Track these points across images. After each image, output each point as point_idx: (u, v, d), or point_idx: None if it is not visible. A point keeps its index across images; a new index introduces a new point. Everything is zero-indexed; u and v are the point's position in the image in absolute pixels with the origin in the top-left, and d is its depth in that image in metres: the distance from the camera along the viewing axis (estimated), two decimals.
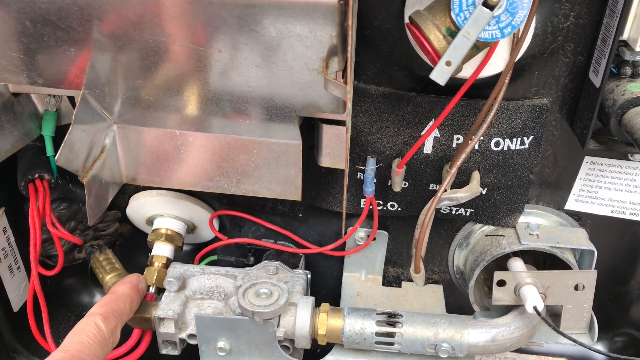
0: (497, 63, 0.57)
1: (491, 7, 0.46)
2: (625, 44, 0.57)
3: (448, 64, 0.47)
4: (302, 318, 0.64)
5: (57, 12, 0.49)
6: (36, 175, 0.70)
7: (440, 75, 0.47)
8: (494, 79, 0.57)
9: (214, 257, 0.81)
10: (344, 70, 0.51)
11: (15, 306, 0.76)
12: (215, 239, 0.80)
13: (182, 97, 0.57)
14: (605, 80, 0.56)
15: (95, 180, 0.61)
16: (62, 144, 0.55)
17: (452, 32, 0.49)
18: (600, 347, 0.84)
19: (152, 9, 0.47)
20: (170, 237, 0.77)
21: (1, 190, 0.73)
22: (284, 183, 0.65)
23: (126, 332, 0.72)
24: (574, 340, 0.60)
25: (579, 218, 0.73)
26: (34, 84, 0.57)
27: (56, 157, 0.55)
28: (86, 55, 0.53)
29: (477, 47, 0.50)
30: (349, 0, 0.44)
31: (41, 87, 0.58)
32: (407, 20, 0.55)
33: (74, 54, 0.53)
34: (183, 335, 0.66)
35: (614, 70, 0.59)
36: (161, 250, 0.76)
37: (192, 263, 0.76)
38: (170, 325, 0.66)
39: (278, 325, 0.64)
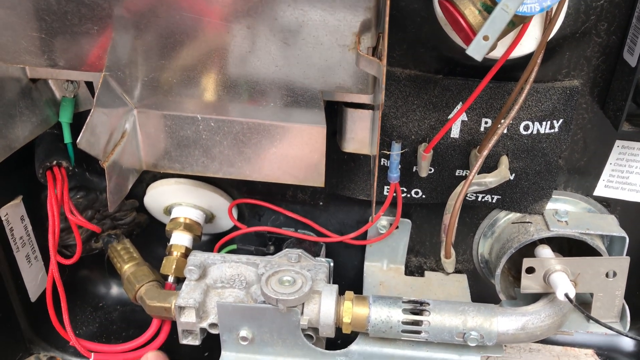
0: (529, 43, 0.55)
1: None
2: None
3: (485, 38, 0.45)
4: (326, 306, 0.62)
5: None
6: (54, 163, 0.69)
7: (477, 50, 0.46)
8: (523, 60, 0.56)
9: (234, 247, 0.79)
10: (375, 48, 0.49)
11: (33, 296, 0.75)
12: (234, 228, 0.78)
13: (205, 79, 0.56)
14: None
15: (116, 166, 0.60)
16: (84, 127, 0.54)
17: (488, 7, 0.47)
18: None
19: None
20: (189, 226, 0.75)
21: (18, 179, 0.71)
22: (307, 169, 0.63)
23: (145, 322, 0.71)
24: (610, 327, 0.59)
25: (608, 204, 0.71)
26: (54, 67, 0.56)
27: (78, 140, 0.54)
28: (109, 34, 0.52)
29: (513, 23, 0.48)
30: None
31: (61, 69, 0.57)
32: None
33: (97, 32, 0.51)
34: (204, 324, 0.65)
35: None
36: (180, 239, 0.75)
37: None
38: (191, 314, 0.64)
39: (302, 313, 0.62)
